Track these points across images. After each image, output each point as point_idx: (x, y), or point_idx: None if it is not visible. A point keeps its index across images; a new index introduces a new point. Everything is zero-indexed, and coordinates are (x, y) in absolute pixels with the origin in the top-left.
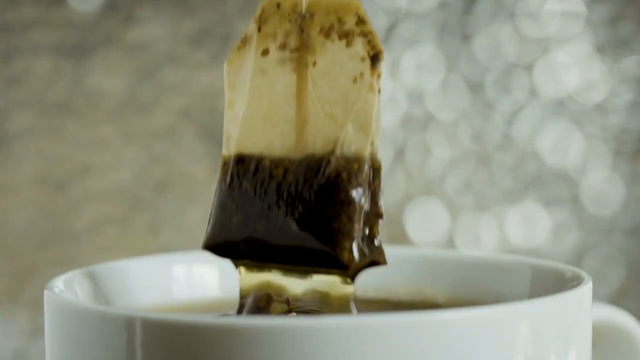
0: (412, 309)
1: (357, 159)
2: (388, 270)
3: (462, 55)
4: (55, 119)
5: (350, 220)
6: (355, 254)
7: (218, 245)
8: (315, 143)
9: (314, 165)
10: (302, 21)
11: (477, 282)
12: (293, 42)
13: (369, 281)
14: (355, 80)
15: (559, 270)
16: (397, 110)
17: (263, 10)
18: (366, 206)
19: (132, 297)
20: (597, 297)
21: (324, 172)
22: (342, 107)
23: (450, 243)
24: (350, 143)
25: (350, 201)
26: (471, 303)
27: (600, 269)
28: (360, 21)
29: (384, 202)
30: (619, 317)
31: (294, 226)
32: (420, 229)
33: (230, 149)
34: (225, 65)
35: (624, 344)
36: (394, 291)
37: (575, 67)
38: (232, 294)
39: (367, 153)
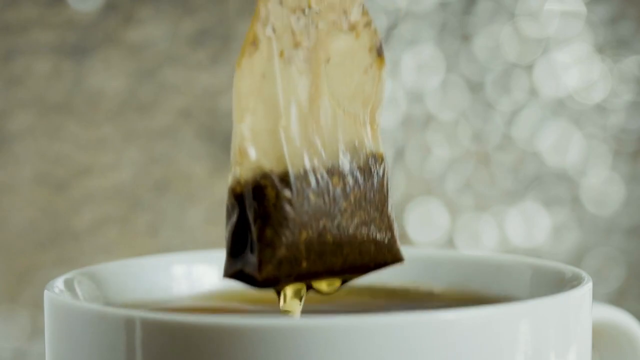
0: (411, 309)
1: (381, 153)
2: (386, 270)
3: (462, 55)
4: (55, 119)
5: (392, 212)
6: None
7: (282, 271)
8: (344, 144)
9: (363, 166)
10: (312, 17)
11: (477, 282)
12: (306, 39)
13: (367, 282)
14: (366, 72)
15: (559, 270)
16: (397, 110)
17: (268, 10)
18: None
19: (132, 297)
20: (597, 297)
21: (377, 171)
22: (360, 102)
23: (450, 243)
24: (376, 137)
25: (387, 195)
26: (471, 303)
27: (600, 269)
28: (364, 11)
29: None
30: (619, 317)
31: (362, 230)
32: (420, 229)
33: (261, 164)
34: (236, 70)
35: (624, 344)
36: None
37: (575, 67)
38: (232, 294)
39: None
